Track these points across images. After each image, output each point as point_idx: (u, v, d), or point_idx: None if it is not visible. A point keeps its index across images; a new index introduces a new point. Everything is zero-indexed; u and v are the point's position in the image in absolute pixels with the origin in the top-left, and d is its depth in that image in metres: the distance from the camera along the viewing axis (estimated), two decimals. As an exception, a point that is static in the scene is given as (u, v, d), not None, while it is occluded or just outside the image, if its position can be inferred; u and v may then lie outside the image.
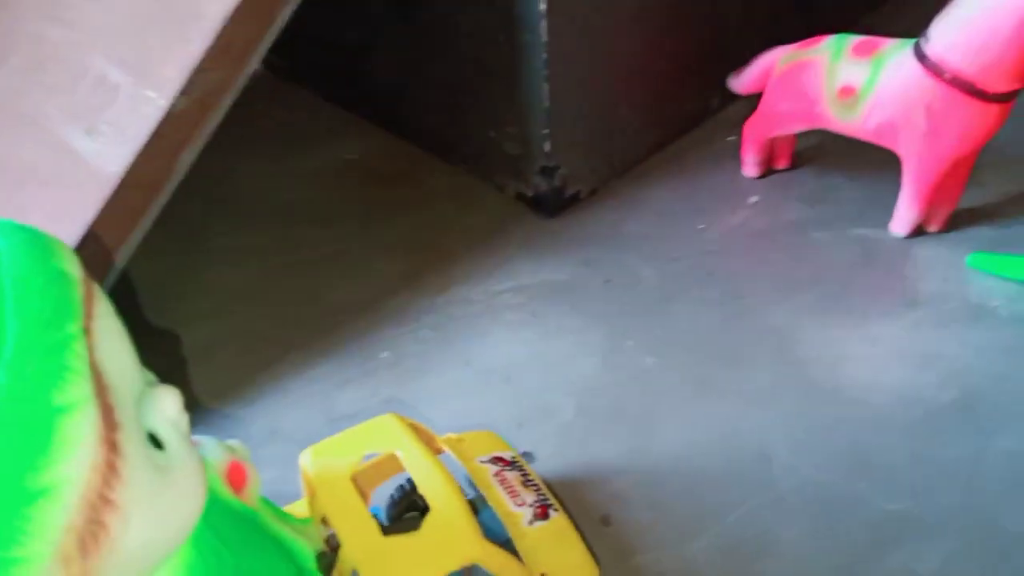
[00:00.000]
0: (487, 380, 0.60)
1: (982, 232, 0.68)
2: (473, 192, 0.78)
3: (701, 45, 0.77)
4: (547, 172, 0.71)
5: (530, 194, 0.74)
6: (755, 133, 0.74)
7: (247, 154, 0.87)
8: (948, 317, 0.61)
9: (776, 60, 0.70)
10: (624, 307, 0.65)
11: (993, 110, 0.58)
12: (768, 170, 0.77)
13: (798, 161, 0.77)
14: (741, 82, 0.75)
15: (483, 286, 0.69)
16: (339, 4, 0.81)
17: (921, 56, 0.59)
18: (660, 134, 0.80)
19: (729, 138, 0.82)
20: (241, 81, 0.56)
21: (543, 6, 0.61)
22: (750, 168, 0.76)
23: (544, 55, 0.64)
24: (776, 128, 0.72)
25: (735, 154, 0.77)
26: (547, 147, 0.69)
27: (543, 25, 0.62)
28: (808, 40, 0.68)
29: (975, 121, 0.59)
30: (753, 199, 0.75)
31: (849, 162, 0.76)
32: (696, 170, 0.79)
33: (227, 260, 0.73)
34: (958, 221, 0.69)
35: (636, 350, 0.61)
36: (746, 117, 0.74)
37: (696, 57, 0.77)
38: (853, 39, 0.64)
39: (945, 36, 0.57)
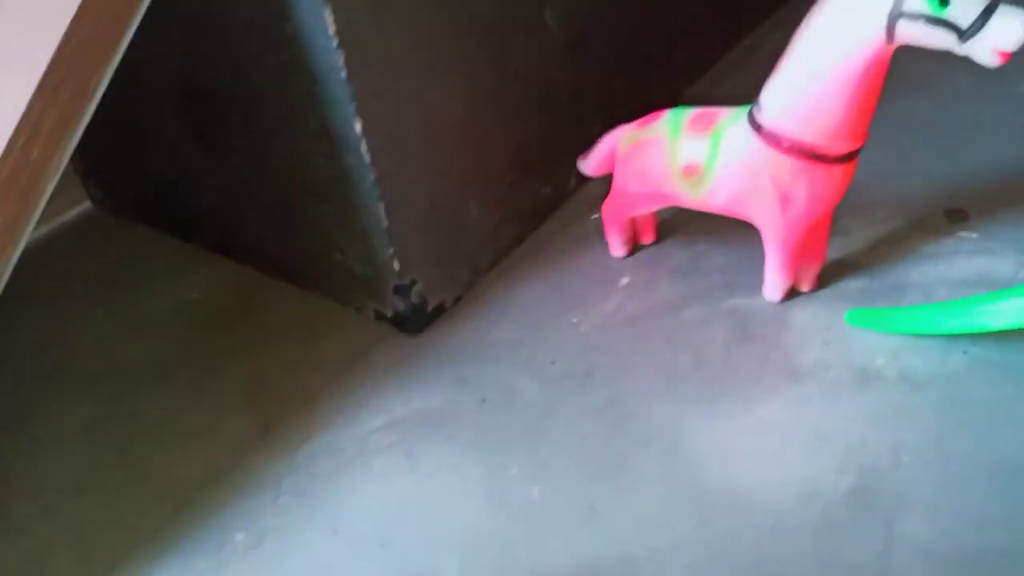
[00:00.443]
0: (360, 551, 0.53)
1: (855, 284, 0.66)
2: (330, 317, 0.72)
3: (542, 132, 0.74)
4: (402, 291, 0.66)
5: (390, 314, 0.68)
6: (613, 216, 0.71)
7: (80, 306, 0.78)
8: (834, 386, 0.58)
9: (619, 141, 0.67)
10: (504, 430, 0.60)
11: (838, 171, 0.57)
12: (635, 246, 0.74)
13: (664, 232, 0.75)
14: (589, 165, 0.72)
15: (350, 428, 0.62)
16: (144, 136, 0.75)
17: (757, 126, 0.57)
18: (519, 226, 0.76)
19: (593, 216, 0.79)
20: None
21: (359, 127, 0.57)
22: (616, 249, 0.73)
23: (371, 176, 0.59)
24: (631, 210, 0.69)
25: (601, 233, 0.74)
26: (396, 266, 0.64)
27: (363, 146, 0.57)
28: (646, 117, 0.65)
29: (823, 184, 0.57)
30: (624, 280, 0.72)
31: (714, 226, 0.73)
32: (563, 256, 0.75)
33: (54, 446, 0.64)
34: (829, 276, 0.67)
35: (521, 480, 0.56)
36: (606, 193, 0.71)
37: (540, 144, 0.74)
38: (689, 114, 0.62)
39: (776, 104, 0.55)
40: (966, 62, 0.49)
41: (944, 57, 0.51)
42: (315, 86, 0.56)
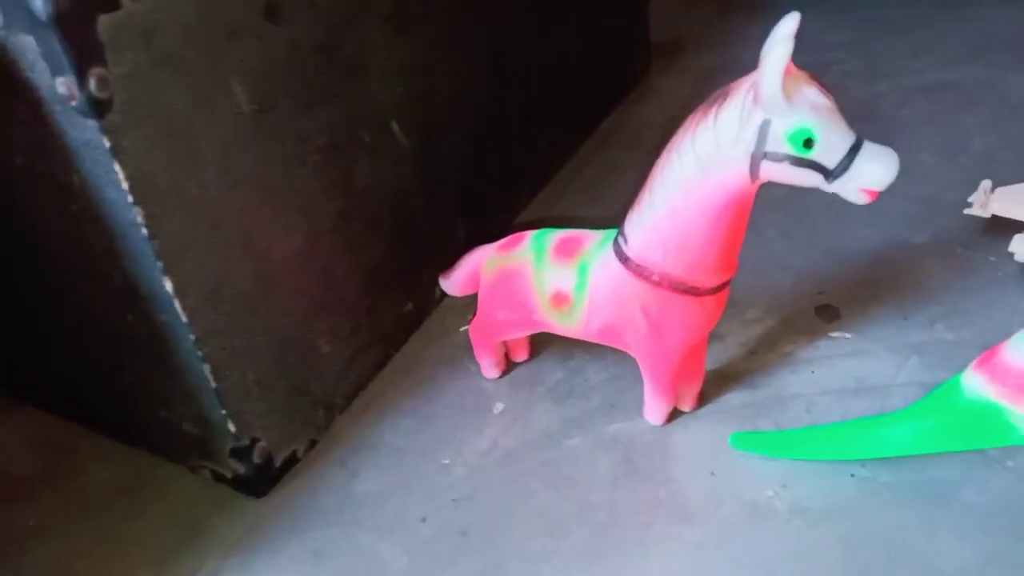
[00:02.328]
0: None
1: (736, 399, 0.63)
2: (159, 480, 0.62)
3: (398, 247, 0.67)
4: (240, 453, 0.57)
5: (229, 475, 0.59)
6: (481, 339, 0.65)
7: None
8: (728, 528, 0.54)
9: (481, 263, 0.62)
10: (369, 614, 0.52)
11: (710, 301, 0.53)
12: (509, 364, 0.68)
13: (538, 346, 0.69)
14: (451, 285, 0.66)
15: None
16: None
17: (623, 258, 0.53)
18: (381, 350, 0.68)
19: (462, 328, 0.73)
20: None
21: (169, 286, 0.48)
22: (488, 370, 0.67)
23: (191, 336, 0.50)
24: (501, 335, 0.63)
25: (471, 349, 0.67)
26: (232, 427, 0.55)
27: (177, 305, 0.49)
28: (509, 240, 0.60)
29: (695, 315, 0.54)
30: (499, 407, 0.65)
31: (589, 338, 0.69)
32: (432, 379, 0.68)
33: None
34: (710, 390, 0.64)
35: None
36: (474, 301, 0.65)
37: (397, 261, 0.67)
38: (553, 239, 0.57)
39: (641, 238, 0.51)
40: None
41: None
42: (114, 242, 0.47)
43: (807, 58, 0.47)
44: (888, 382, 0.63)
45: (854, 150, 0.44)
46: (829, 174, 0.45)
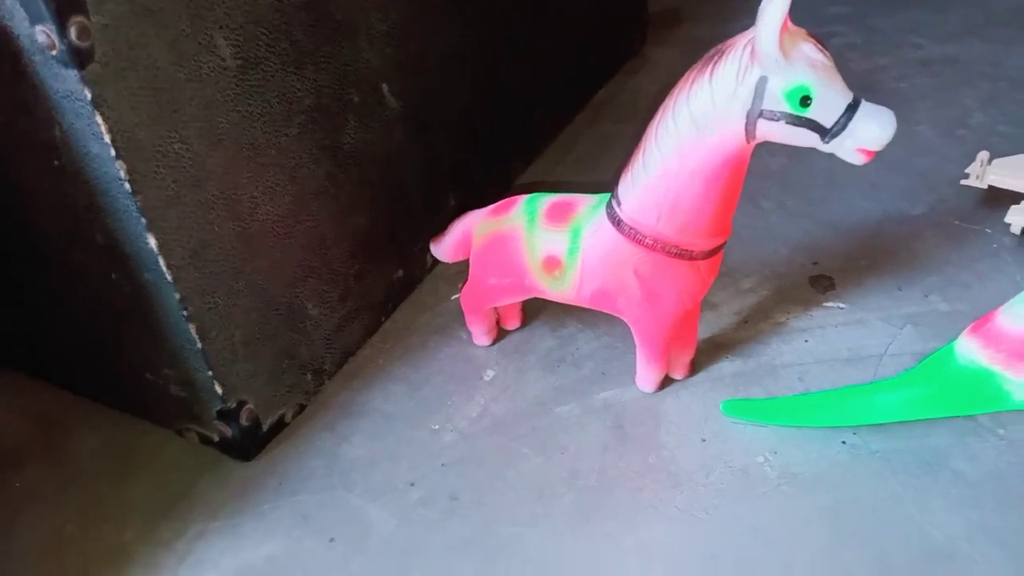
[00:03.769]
0: None
1: (728, 367, 0.63)
2: (147, 444, 0.61)
3: (388, 214, 0.66)
4: (227, 415, 0.56)
5: (216, 439, 0.59)
6: (472, 306, 0.64)
7: None
8: (717, 493, 0.54)
9: (472, 228, 0.61)
10: (356, 577, 0.52)
11: (704, 265, 0.53)
12: (500, 332, 0.68)
13: (530, 314, 0.69)
14: (442, 251, 0.65)
15: (170, 593, 0.52)
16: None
17: (616, 221, 0.52)
18: (371, 317, 0.68)
19: (453, 296, 0.72)
20: None
21: (153, 243, 0.47)
22: (479, 338, 0.66)
23: (176, 295, 0.49)
24: (492, 301, 0.62)
25: (463, 317, 0.67)
26: (218, 389, 0.55)
27: (161, 262, 0.48)
28: (500, 204, 0.59)
29: (688, 279, 0.53)
30: (489, 374, 0.65)
31: (582, 308, 0.68)
32: (422, 349, 0.68)
33: None
34: (702, 359, 0.63)
35: (378, 643, 0.48)
36: (466, 269, 0.64)
37: (387, 227, 0.67)
38: (545, 203, 0.56)
39: (635, 201, 0.51)
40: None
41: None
42: (96, 198, 0.46)
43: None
44: (881, 351, 0.62)
45: (851, 109, 0.43)
46: (826, 133, 0.44)
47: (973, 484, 0.52)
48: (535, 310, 0.69)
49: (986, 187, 0.73)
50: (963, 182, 0.73)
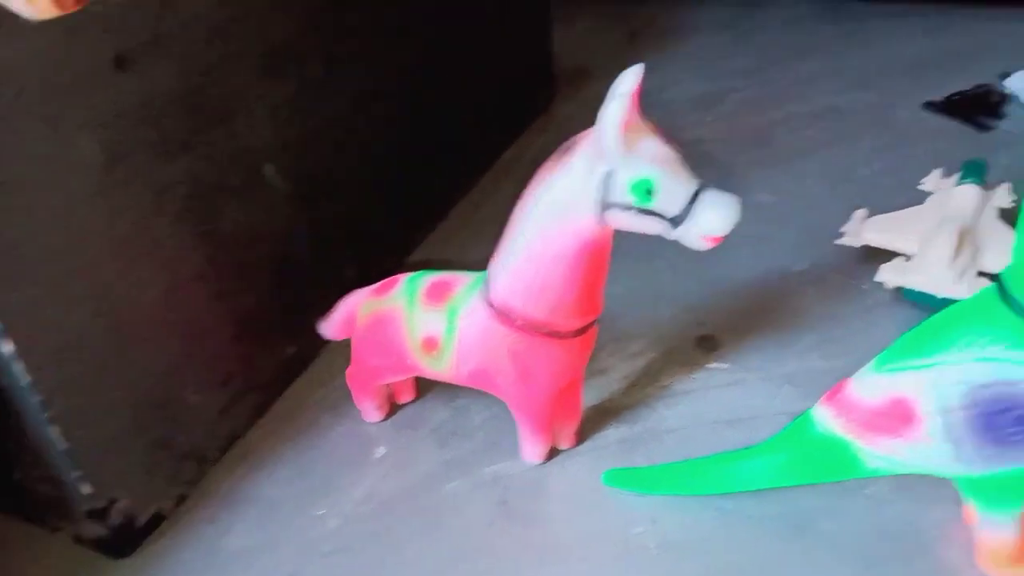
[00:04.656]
0: None
1: (614, 434, 0.64)
2: (19, 542, 0.59)
3: (277, 292, 0.66)
4: (97, 514, 0.55)
5: (91, 537, 0.57)
6: (359, 385, 0.64)
7: None
8: (598, 566, 0.54)
9: (357, 307, 0.61)
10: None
11: (576, 343, 0.54)
12: (393, 406, 0.68)
13: (424, 386, 0.69)
14: (329, 328, 0.65)
15: None
16: None
17: (489, 303, 0.53)
18: (259, 397, 0.67)
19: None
20: None
21: (7, 348, 0.46)
22: (370, 415, 0.66)
23: (36, 398, 0.48)
24: (377, 380, 0.63)
25: (355, 395, 0.67)
26: (86, 489, 0.53)
27: (18, 368, 0.47)
28: (383, 284, 0.60)
29: (562, 358, 0.54)
30: (380, 451, 0.65)
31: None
32: (314, 425, 0.67)
33: None
34: (589, 426, 0.64)
35: None
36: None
37: (276, 305, 0.66)
38: (425, 283, 0.57)
39: (504, 283, 0.52)
40: (700, 168, 0.47)
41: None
42: (-59, 304, 0.45)
43: (706, 86, 0.48)
44: (760, 412, 0.64)
45: (694, 199, 0.45)
46: (672, 222, 0.46)
47: (836, 544, 0.54)
48: (429, 382, 0.69)
49: (861, 246, 0.76)
50: (838, 241, 0.76)
